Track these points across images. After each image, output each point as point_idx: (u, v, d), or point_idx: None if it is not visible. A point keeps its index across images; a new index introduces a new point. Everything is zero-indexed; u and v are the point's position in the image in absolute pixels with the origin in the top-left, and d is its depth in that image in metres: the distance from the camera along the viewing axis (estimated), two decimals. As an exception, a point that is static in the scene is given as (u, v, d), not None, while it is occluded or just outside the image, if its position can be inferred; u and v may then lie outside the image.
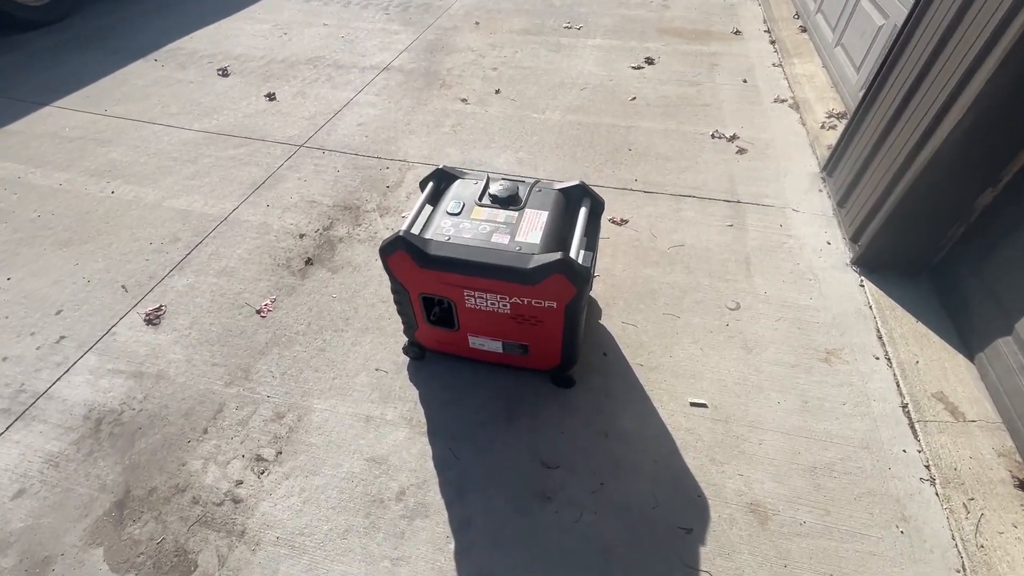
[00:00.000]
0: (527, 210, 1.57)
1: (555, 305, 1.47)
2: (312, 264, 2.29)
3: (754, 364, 1.86)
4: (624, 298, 2.09)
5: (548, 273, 1.38)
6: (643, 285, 2.14)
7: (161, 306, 2.10)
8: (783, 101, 3.24)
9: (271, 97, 3.42)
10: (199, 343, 1.98)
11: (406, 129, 3.11)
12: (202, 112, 3.32)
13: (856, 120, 2.36)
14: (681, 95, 3.34)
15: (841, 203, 2.39)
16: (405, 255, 1.48)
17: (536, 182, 1.68)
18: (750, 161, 2.78)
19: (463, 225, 1.52)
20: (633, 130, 3.04)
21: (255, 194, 2.67)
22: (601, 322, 2.01)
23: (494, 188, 1.61)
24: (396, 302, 1.68)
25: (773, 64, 3.65)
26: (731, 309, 2.04)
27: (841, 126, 2.91)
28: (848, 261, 2.20)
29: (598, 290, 2.13)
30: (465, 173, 1.73)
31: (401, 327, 1.84)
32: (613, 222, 2.43)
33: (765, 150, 2.85)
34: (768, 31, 4.12)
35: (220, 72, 3.72)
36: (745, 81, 3.46)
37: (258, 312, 2.08)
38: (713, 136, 2.96)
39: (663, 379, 1.82)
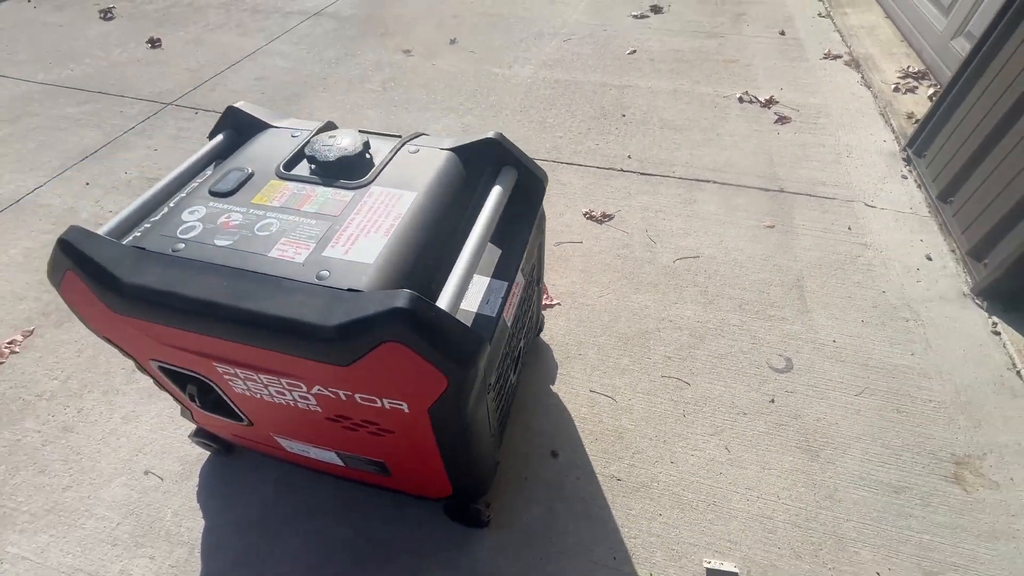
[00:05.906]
0: (374, 188, 0.75)
1: (406, 407, 0.65)
2: (115, 274, 1.47)
3: (826, 485, 1.03)
4: (598, 345, 1.27)
5: (371, 342, 0.56)
6: (631, 323, 1.31)
7: None
8: (836, 57, 2.38)
9: (154, 43, 2.59)
10: None
11: (320, 85, 2.28)
12: (58, 60, 2.50)
13: (965, 78, 1.52)
14: (697, 49, 2.49)
15: (945, 196, 1.54)
16: (78, 281, 0.67)
17: (413, 136, 0.86)
18: (795, 134, 1.93)
19: (228, 219, 0.70)
20: (629, 90, 2.20)
21: (77, 167, 1.85)
22: (553, 388, 1.19)
23: (317, 144, 0.78)
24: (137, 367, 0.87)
25: (819, 14, 2.78)
26: (777, 371, 1.21)
27: (923, 87, 2.06)
28: (967, 290, 1.36)
29: (553, 331, 1.30)
30: (282, 122, 0.90)
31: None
32: (591, 218, 1.60)
33: (816, 119, 2.00)
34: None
35: (103, 14, 2.89)
36: (783, 33, 2.59)
37: (-7, 355, 1.28)
38: (742, 100, 2.11)
39: (658, 512, 1.00)
